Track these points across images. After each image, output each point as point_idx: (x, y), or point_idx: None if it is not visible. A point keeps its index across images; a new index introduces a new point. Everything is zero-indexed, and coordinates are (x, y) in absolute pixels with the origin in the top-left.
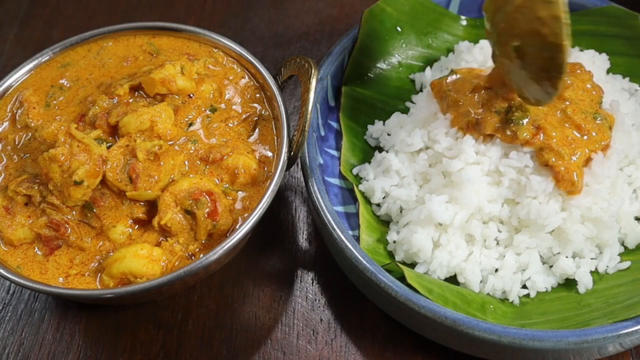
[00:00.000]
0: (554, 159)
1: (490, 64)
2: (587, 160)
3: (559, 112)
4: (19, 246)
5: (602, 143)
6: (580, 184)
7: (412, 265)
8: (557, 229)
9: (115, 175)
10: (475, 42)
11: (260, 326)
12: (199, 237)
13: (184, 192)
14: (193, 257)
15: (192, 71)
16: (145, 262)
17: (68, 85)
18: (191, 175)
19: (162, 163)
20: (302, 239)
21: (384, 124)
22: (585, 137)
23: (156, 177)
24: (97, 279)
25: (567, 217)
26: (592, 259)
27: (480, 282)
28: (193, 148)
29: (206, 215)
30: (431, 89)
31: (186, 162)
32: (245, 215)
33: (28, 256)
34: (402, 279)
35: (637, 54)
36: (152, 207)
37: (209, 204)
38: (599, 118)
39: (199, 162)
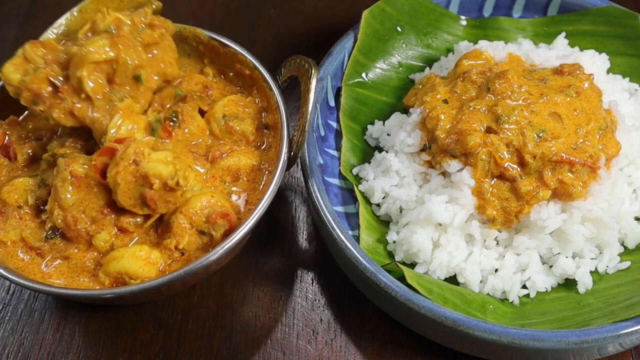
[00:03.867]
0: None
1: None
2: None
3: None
4: (14, 246)
5: (610, 152)
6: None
7: (412, 265)
8: (557, 230)
9: (128, 200)
10: (475, 42)
11: (260, 326)
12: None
13: (199, 213)
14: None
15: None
16: (142, 263)
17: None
18: (198, 185)
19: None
20: (302, 239)
21: (383, 124)
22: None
23: (171, 201)
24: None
25: (568, 218)
26: (592, 259)
27: (480, 282)
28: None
29: (222, 235)
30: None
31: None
32: (246, 215)
33: (26, 258)
34: (402, 279)
35: (637, 54)
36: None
37: (225, 225)
38: (602, 130)
39: (201, 169)
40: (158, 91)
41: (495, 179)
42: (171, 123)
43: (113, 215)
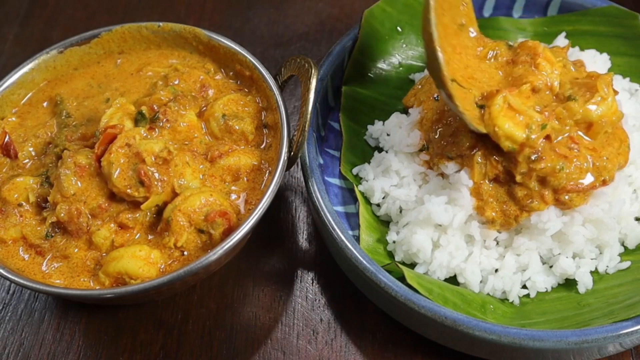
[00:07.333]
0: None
1: None
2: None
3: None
4: (14, 245)
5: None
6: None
7: (412, 265)
8: (557, 231)
9: (123, 181)
10: None
11: (260, 326)
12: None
13: (197, 212)
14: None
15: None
16: (142, 263)
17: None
18: (195, 181)
19: (169, 168)
20: (302, 239)
21: (383, 124)
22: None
23: (166, 180)
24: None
25: (568, 221)
26: (592, 259)
27: (480, 282)
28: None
29: (221, 234)
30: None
31: (187, 158)
32: (246, 215)
33: (26, 257)
34: (402, 279)
35: (637, 54)
36: (136, 206)
37: (224, 223)
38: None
39: (201, 166)
40: (155, 90)
41: (492, 182)
42: (153, 122)
43: (112, 209)
